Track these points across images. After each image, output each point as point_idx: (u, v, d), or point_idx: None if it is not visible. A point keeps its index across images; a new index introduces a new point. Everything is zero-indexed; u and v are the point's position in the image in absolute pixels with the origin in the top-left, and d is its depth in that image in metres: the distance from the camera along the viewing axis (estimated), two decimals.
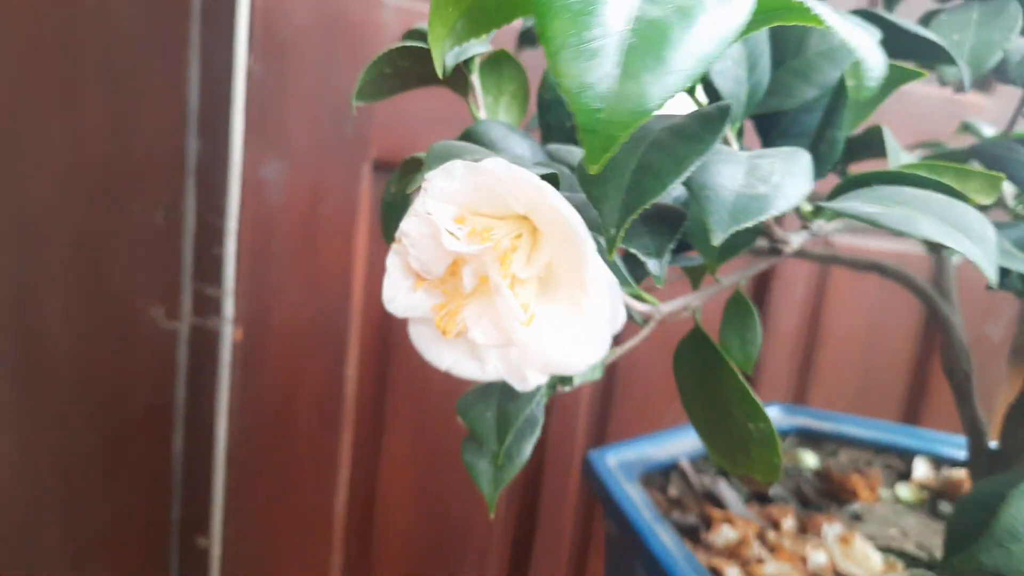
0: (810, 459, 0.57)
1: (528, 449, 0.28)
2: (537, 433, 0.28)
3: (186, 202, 0.67)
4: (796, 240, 0.31)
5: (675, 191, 0.27)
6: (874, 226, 0.24)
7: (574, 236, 0.22)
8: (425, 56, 0.31)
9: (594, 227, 0.22)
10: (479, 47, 0.32)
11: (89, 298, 0.70)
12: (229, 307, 0.69)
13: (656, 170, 0.22)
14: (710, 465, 0.55)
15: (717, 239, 0.21)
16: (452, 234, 0.23)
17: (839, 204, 0.26)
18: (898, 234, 0.23)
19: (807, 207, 0.33)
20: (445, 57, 0.25)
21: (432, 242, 0.24)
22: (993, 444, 0.42)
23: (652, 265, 0.25)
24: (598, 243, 0.23)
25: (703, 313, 0.32)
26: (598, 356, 0.23)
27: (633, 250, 0.26)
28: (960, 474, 0.54)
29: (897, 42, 0.31)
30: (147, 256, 0.68)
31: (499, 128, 0.31)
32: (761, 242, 0.32)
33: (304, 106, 0.66)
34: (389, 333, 0.75)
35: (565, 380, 0.29)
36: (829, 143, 0.32)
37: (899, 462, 0.59)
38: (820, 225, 0.33)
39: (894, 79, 0.30)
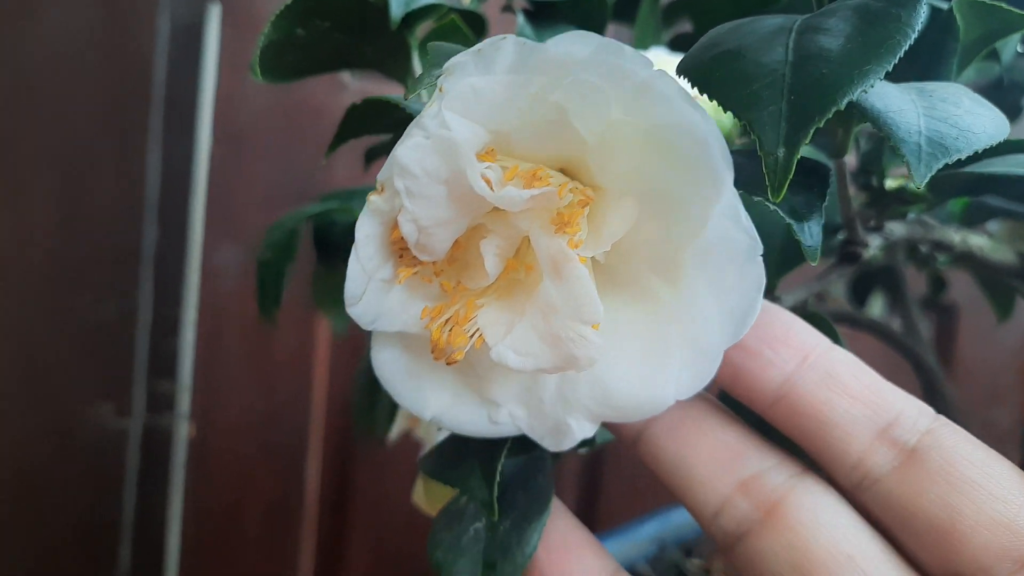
0: None
1: (535, 537, 0.19)
2: (548, 511, 0.20)
3: (141, 292, 0.64)
4: (875, 243, 0.24)
5: None
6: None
7: (694, 172, 0.15)
8: (353, 14, 0.23)
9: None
10: None
11: (27, 399, 0.66)
12: (184, 402, 0.65)
13: (829, 59, 0.16)
14: (672, 566, 0.46)
15: (921, 177, 0.17)
16: (484, 178, 0.15)
17: (980, 167, 0.20)
18: None
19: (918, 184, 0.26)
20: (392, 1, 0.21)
21: (445, 190, 0.15)
22: None
23: (802, 231, 0.17)
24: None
25: None
26: (697, 384, 0.16)
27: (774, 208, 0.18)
28: None
29: None
30: (95, 350, 0.65)
31: None
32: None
33: (263, 190, 0.65)
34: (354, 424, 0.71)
35: (586, 440, 0.20)
36: None
37: None
38: (892, 228, 0.25)
39: (1008, 24, 0.23)
